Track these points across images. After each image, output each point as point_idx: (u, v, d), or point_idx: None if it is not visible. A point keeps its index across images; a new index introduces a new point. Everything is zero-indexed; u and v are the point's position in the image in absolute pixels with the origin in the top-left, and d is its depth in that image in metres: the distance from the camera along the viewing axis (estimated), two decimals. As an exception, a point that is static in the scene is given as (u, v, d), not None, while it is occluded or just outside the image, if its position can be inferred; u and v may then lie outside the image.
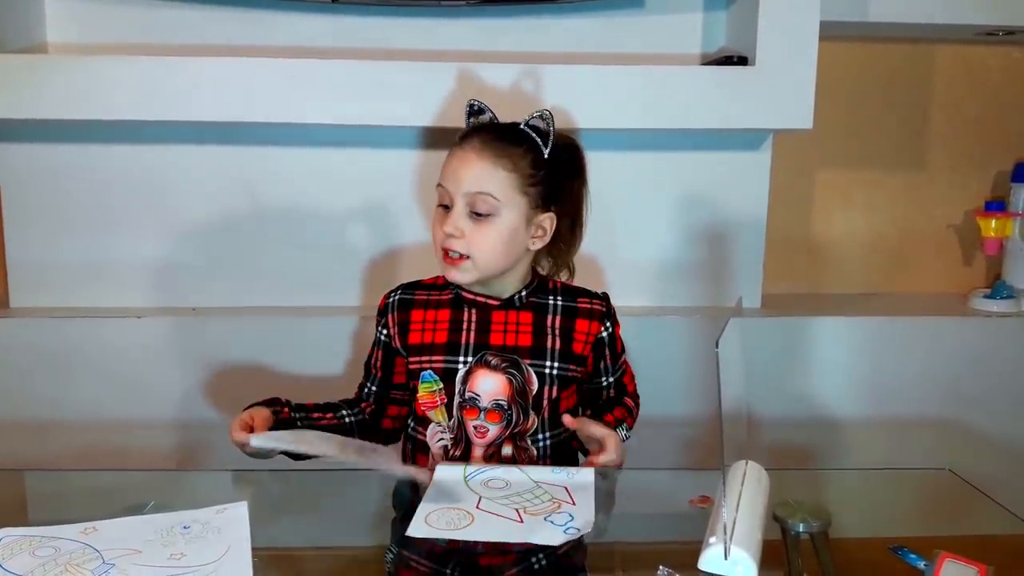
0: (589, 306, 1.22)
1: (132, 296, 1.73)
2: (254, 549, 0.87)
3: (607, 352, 1.24)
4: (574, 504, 0.97)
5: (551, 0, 1.67)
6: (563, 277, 1.28)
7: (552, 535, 0.90)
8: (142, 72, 1.54)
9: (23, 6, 1.63)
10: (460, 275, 1.15)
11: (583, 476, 1.04)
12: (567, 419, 1.13)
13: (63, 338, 1.65)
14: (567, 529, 0.91)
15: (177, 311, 1.72)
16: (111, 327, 1.65)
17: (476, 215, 1.12)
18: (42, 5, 1.66)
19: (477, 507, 0.96)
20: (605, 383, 1.26)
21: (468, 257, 1.13)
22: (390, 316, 1.23)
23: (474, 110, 1.20)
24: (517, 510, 0.95)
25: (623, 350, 1.27)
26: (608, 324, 1.22)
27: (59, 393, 1.65)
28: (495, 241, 1.13)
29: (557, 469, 1.06)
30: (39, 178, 1.69)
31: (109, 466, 1.61)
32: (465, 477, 1.03)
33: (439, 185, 1.16)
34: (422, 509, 0.94)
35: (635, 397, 1.29)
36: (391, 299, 1.24)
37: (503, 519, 0.93)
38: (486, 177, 1.12)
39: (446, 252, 1.14)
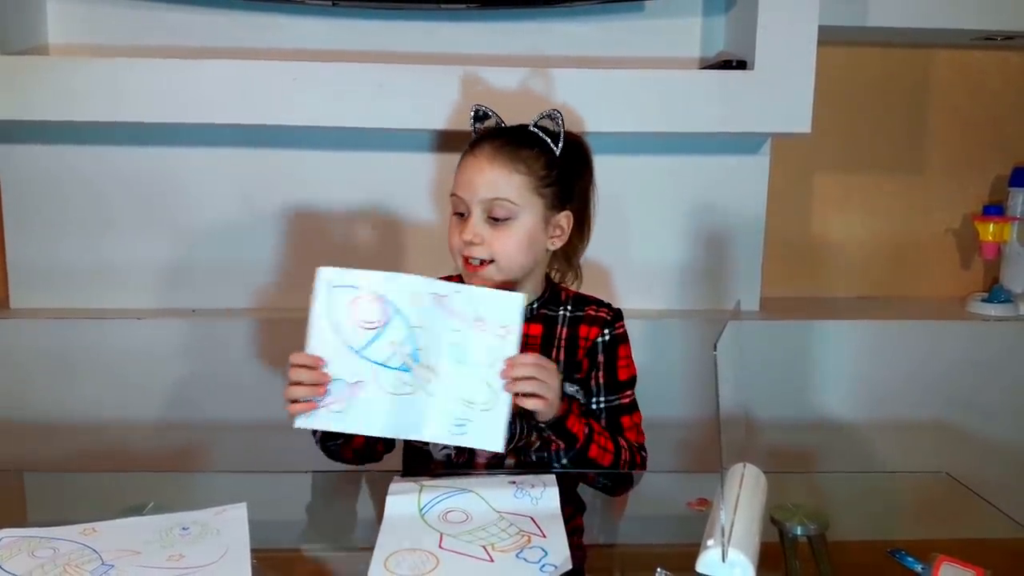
0: (595, 313, 1.20)
1: (132, 297, 1.74)
2: (253, 550, 0.87)
3: (601, 361, 1.17)
4: (544, 536, 0.90)
5: (550, 4, 1.68)
6: (570, 281, 1.25)
7: None
8: (143, 74, 1.55)
9: (25, 8, 1.63)
10: (482, 282, 1.13)
11: (548, 500, 0.97)
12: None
13: (63, 339, 1.65)
14: (543, 567, 0.85)
15: (177, 312, 1.72)
16: (111, 328, 1.66)
17: (494, 220, 1.12)
18: (44, 7, 1.67)
19: (440, 546, 0.88)
20: (594, 406, 1.17)
21: (491, 262, 1.12)
22: None
23: (479, 115, 1.19)
24: (484, 547, 0.88)
25: (629, 382, 1.19)
26: (607, 331, 1.18)
27: (59, 394, 1.65)
28: (516, 244, 1.12)
29: (520, 489, 0.99)
30: (40, 179, 1.70)
31: (108, 467, 1.61)
32: (420, 510, 0.95)
33: (453, 194, 1.15)
34: (379, 551, 0.87)
35: (639, 449, 1.17)
36: None
37: (471, 559, 0.86)
38: (501, 182, 1.11)
39: (467, 260, 1.13)
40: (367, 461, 1.18)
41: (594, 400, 1.18)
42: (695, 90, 1.61)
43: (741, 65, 1.62)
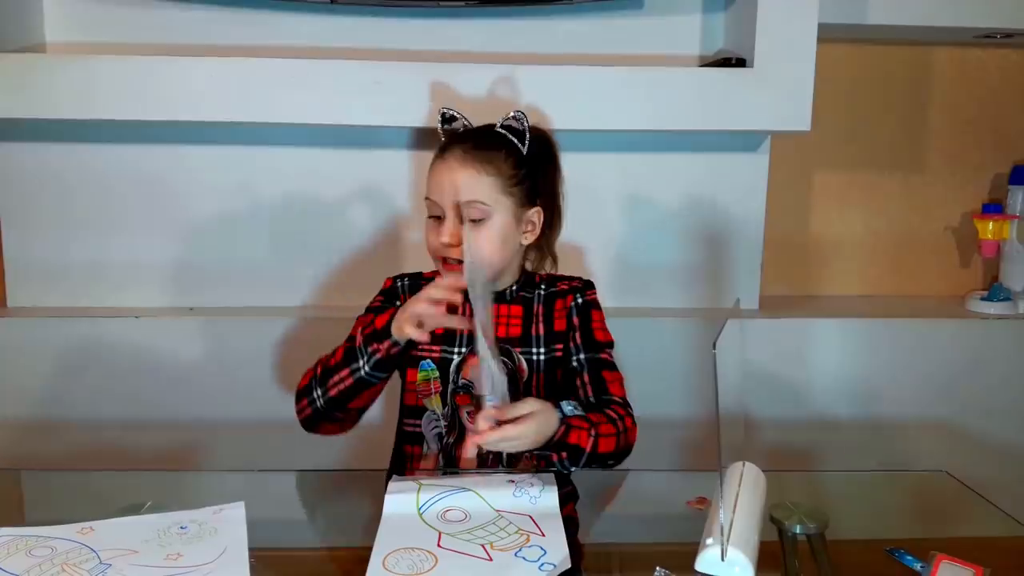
0: (568, 286, 1.25)
1: (130, 296, 1.73)
2: (251, 549, 0.87)
3: (576, 323, 1.21)
4: (543, 535, 0.90)
5: (550, 1, 1.68)
6: (547, 266, 1.29)
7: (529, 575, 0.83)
8: (139, 72, 1.54)
9: (21, 6, 1.63)
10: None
11: (546, 499, 0.97)
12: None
13: (61, 338, 1.64)
14: (543, 566, 0.84)
15: (175, 311, 1.72)
16: (109, 327, 1.65)
17: (469, 222, 1.15)
18: (40, 5, 1.66)
19: (439, 545, 0.88)
20: (575, 362, 1.19)
21: None
22: (403, 296, 1.25)
23: (446, 118, 1.23)
24: (483, 546, 0.88)
25: (606, 342, 1.22)
26: (579, 296, 1.23)
27: (56, 393, 1.65)
28: (491, 243, 1.16)
29: (519, 488, 0.99)
30: (37, 178, 1.69)
31: (106, 466, 1.61)
32: (419, 509, 0.95)
33: (427, 198, 1.18)
34: (378, 550, 0.86)
35: (625, 406, 1.17)
36: (400, 283, 1.27)
37: (470, 558, 0.86)
38: (473, 185, 1.14)
39: (445, 261, 1.17)
40: (352, 415, 1.19)
41: (574, 357, 1.20)
42: (694, 88, 1.61)
43: (741, 63, 1.62)
